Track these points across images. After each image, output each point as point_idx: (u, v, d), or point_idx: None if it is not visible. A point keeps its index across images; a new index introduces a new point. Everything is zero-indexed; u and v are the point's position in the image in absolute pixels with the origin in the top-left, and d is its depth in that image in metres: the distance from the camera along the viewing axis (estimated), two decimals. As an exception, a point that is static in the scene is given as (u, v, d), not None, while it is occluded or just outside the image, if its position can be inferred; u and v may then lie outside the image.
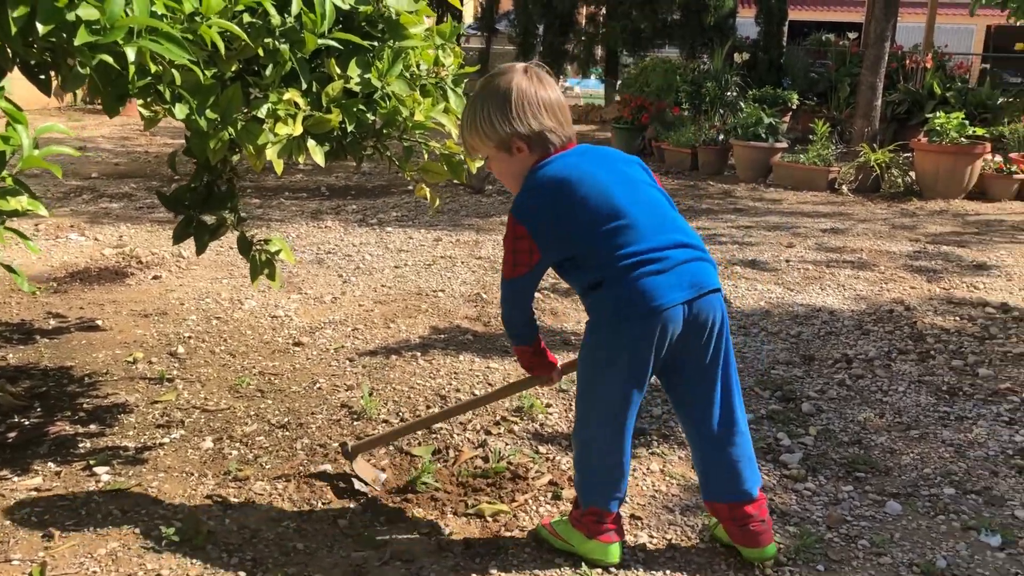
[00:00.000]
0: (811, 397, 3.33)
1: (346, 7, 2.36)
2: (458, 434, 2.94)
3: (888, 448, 2.93)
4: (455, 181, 2.74)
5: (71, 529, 2.31)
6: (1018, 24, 5.44)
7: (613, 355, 2.06)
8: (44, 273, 4.78)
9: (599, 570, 2.20)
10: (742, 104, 10.23)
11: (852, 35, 16.07)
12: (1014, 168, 8.10)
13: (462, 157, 2.72)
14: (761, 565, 2.23)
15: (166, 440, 2.86)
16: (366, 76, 2.40)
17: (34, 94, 2.31)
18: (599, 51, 16.80)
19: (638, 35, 15.00)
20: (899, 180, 8.30)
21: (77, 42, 1.70)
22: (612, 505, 2.20)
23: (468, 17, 21.11)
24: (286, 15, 2.25)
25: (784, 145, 9.09)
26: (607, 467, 2.18)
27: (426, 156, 2.73)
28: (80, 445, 2.81)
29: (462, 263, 5.27)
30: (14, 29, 1.68)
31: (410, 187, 2.76)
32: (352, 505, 2.48)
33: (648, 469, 2.73)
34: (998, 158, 8.33)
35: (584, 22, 16.82)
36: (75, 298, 4.36)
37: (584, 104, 17.41)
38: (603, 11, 15.82)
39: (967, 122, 8.21)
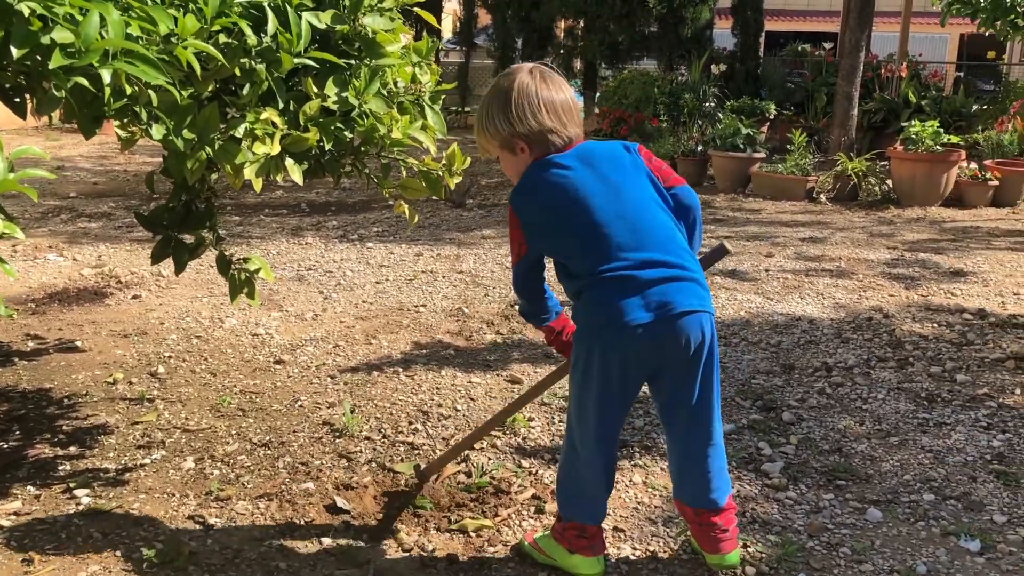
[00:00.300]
0: (792, 406, 3.36)
1: (322, 27, 2.36)
2: (440, 450, 2.93)
3: (868, 455, 2.95)
4: (434, 197, 2.74)
5: (51, 553, 2.29)
6: (987, 34, 5.53)
7: (586, 367, 2.07)
8: (22, 294, 4.74)
9: (583, 584, 2.20)
10: (720, 115, 10.31)
11: (828, 45, 16.25)
12: (989, 175, 8.20)
13: (440, 173, 2.73)
14: (744, 575, 2.24)
15: (147, 461, 2.85)
16: (343, 95, 2.41)
17: (11, 114, 2.30)
18: (578, 64, 16.88)
19: (616, 48, 15.08)
20: (876, 188, 8.38)
21: (52, 65, 1.70)
22: (590, 519, 2.21)
23: (447, 31, 21.17)
24: (262, 35, 2.25)
25: (762, 155, 9.16)
26: (586, 480, 2.19)
27: (404, 173, 2.74)
28: (60, 468, 2.79)
29: (443, 278, 5.28)
30: (-12, 53, 1.68)
31: (390, 203, 2.76)
32: (335, 523, 2.47)
33: (631, 481, 2.74)
34: (973, 165, 8.44)
35: (562, 35, 16.89)
36: (54, 319, 4.33)
37: (564, 117, 17.46)
38: (581, 24, 15.89)
39: (942, 130, 8.32)
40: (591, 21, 15.20)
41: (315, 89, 2.39)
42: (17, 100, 2.02)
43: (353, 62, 2.47)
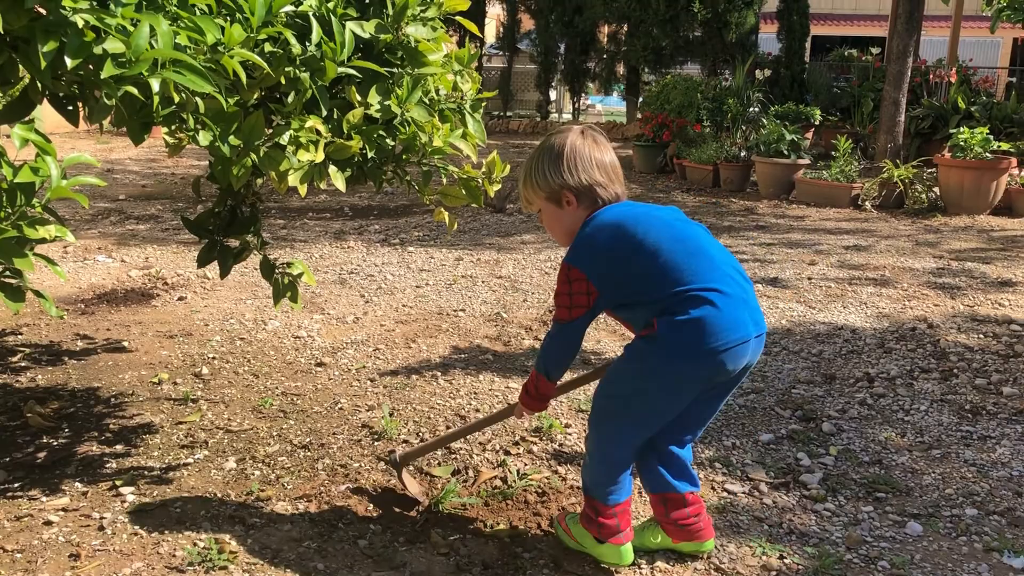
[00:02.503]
0: (832, 416, 3.32)
1: (366, 35, 2.40)
2: (477, 454, 2.96)
3: (909, 468, 2.92)
4: (473, 204, 2.77)
5: (97, 549, 2.35)
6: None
7: (659, 385, 2.11)
8: (72, 295, 4.86)
9: (617, 591, 2.20)
10: (764, 120, 10.23)
11: (875, 50, 16.02)
12: (1040, 183, 8.03)
13: (480, 181, 2.75)
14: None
15: (190, 460, 2.90)
16: (386, 103, 2.44)
17: (62, 119, 2.37)
18: (620, 69, 16.87)
19: (659, 52, 15.04)
20: (923, 196, 8.26)
21: (104, 75, 1.75)
22: (623, 496, 2.27)
23: (490, 37, 21.25)
24: (306, 44, 2.30)
25: (806, 161, 9.07)
26: (619, 465, 2.25)
27: (444, 180, 2.76)
28: (107, 465, 2.86)
29: (483, 282, 5.30)
30: (44, 63, 1.73)
31: (431, 208, 2.80)
32: (372, 526, 2.51)
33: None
34: (1024, 173, 8.27)
35: (605, 40, 16.90)
36: (102, 319, 4.43)
37: (605, 121, 17.46)
38: (624, 29, 15.89)
39: (991, 137, 8.17)
40: (634, 26, 15.18)
41: (358, 97, 2.43)
42: (70, 108, 2.08)
43: (396, 71, 2.51)
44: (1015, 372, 3.80)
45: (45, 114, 2.30)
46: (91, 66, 1.84)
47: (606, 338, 4.23)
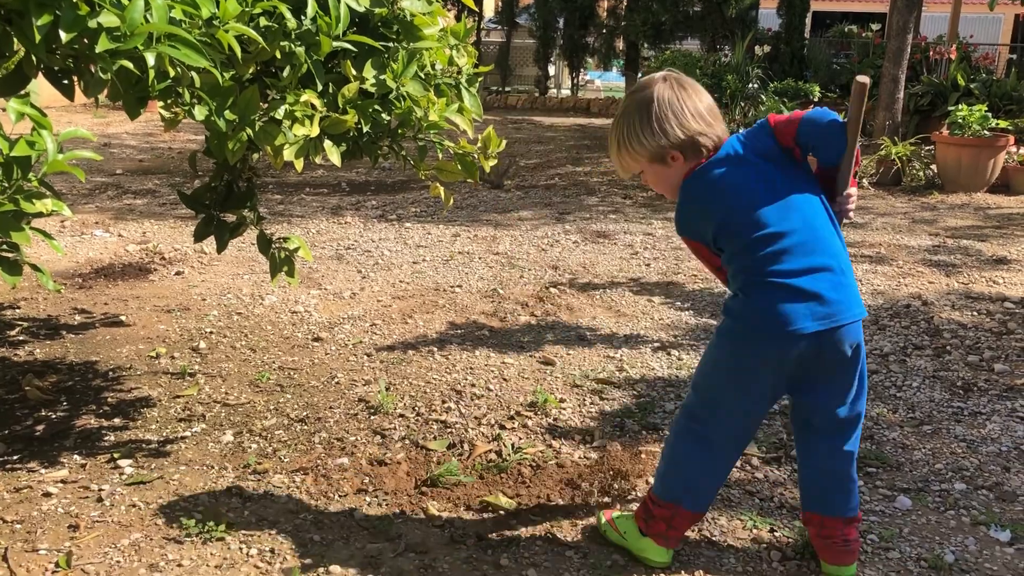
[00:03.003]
0: (824, 392, 3.35)
1: (361, 9, 2.40)
2: (472, 428, 2.98)
3: (900, 443, 2.95)
4: (469, 180, 2.78)
5: (96, 520, 2.38)
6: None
7: (738, 365, 2.07)
8: (70, 269, 4.87)
9: (607, 563, 2.23)
10: (763, 97, 10.20)
11: (875, 26, 15.94)
12: (1037, 161, 8.03)
13: (476, 156, 2.76)
14: (769, 559, 2.26)
15: (187, 434, 2.93)
16: (381, 77, 2.44)
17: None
18: (620, 44, 16.79)
19: (659, 27, 14.98)
20: (920, 173, 8.26)
21: (98, 49, 1.75)
22: (691, 505, 2.18)
23: (489, 11, 21.11)
24: (302, 18, 2.29)
25: (805, 138, 9.04)
26: (708, 468, 2.17)
27: (440, 155, 2.77)
28: (104, 438, 2.88)
29: (480, 259, 5.32)
30: (38, 37, 1.73)
31: (428, 183, 2.81)
32: (368, 499, 2.53)
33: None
34: (1022, 151, 8.26)
35: (605, 15, 16.81)
36: (100, 294, 4.44)
37: (604, 97, 17.40)
38: (624, 3, 15.81)
39: (990, 114, 8.15)
40: (634, 0, 15.10)
41: (354, 72, 2.43)
42: (65, 82, 2.08)
43: (391, 45, 2.51)
44: (1007, 349, 3.83)
45: (41, 88, 2.30)
46: (86, 40, 1.84)
47: (602, 314, 4.25)
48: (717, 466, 2.18)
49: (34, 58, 1.96)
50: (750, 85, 10.66)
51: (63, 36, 1.77)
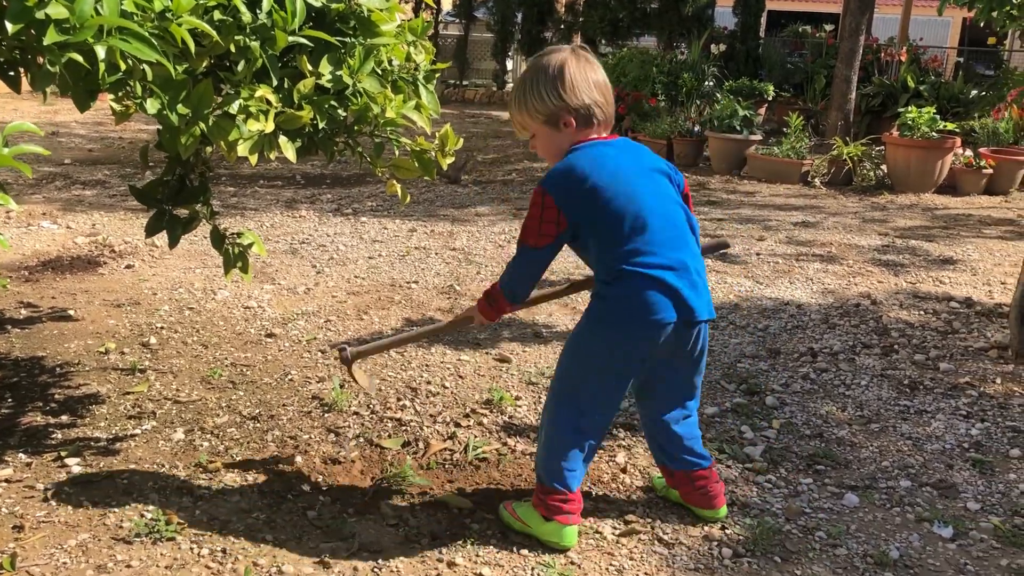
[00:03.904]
0: (775, 391, 3.40)
1: (317, 4, 2.37)
2: (428, 426, 2.98)
3: (848, 441, 3.00)
4: (426, 178, 2.76)
5: (42, 520, 2.33)
6: (980, 25, 5.53)
7: (610, 351, 2.17)
8: (16, 262, 4.76)
9: (562, 561, 2.25)
10: (718, 95, 10.30)
11: (829, 27, 16.18)
12: (983, 163, 8.22)
13: (433, 154, 2.74)
14: (720, 556, 2.29)
15: (137, 431, 2.88)
16: (338, 73, 2.42)
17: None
18: (577, 40, 16.80)
19: (616, 24, 15.03)
20: (871, 173, 8.41)
21: (46, 41, 1.71)
22: (574, 483, 2.28)
23: (447, 4, 21.00)
24: (257, 12, 2.26)
25: (759, 137, 9.17)
26: (577, 448, 2.26)
27: (397, 152, 2.75)
28: (51, 436, 2.83)
29: (436, 254, 5.30)
30: (-17, 28, 1.69)
31: (382, 178, 2.79)
32: (322, 498, 2.52)
33: (614, 460, 2.78)
34: (968, 152, 8.46)
35: (563, 10, 16.81)
36: (47, 287, 4.35)
37: (562, 93, 17.40)
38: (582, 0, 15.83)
39: (938, 117, 8.33)
40: (592, -3, 15.14)
41: (309, 67, 2.40)
42: (12, 74, 2.03)
43: (348, 40, 2.48)
44: (952, 348, 3.92)
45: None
46: (33, 31, 1.80)
47: (558, 312, 4.27)
48: (589, 446, 2.29)
49: (-21, 49, 1.91)
50: (706, 83, 10.75)
51: (9, 27, 1.72)
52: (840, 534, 2.42)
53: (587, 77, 2.17)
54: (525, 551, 2.28)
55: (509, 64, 18.10)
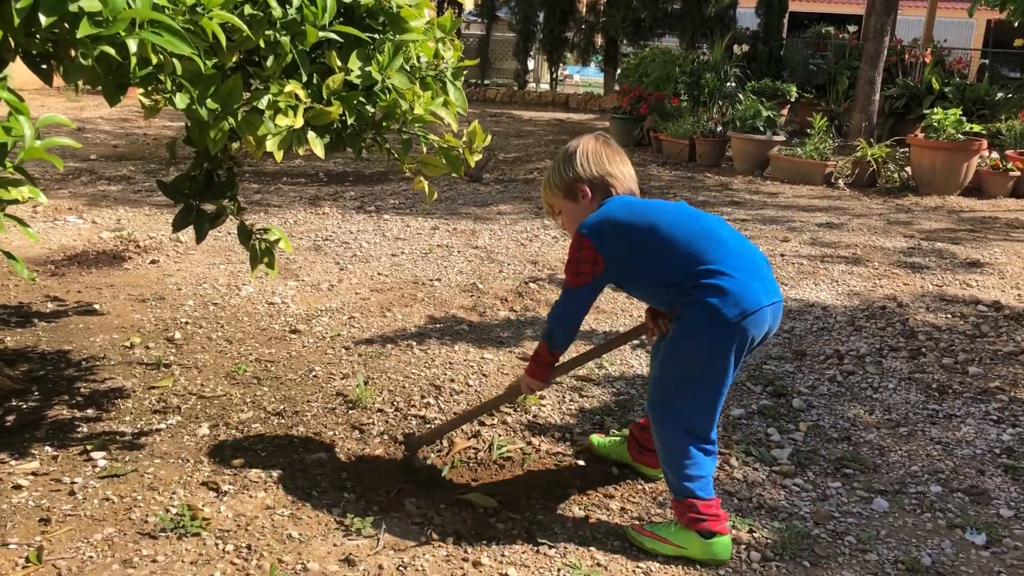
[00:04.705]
0: (802, 393, 3.37)
1: (347, 0, 2.37)
2: (452, 424, 2.96)
3: (877, 445, 2.97)
4: (454, 175, 2.75)
5: (68, 514, 2.34)
6: (1016, 25, 5.47)
7: (720, 356, 2.18)
8: (42, 256, 4.79)
9: (588, 563, 2.23)
10: (740, 96, 10.24)
11: (852, 28, 16.07)
12: (1010, 165, 8.13)
13: (460, 151, 2.73)
14: (748, 559, 2.26)
15: (162, 426, 2.88)
16: (367, 69, 2.41)
17: (33, 74, 2.32)
18: (599, 39, 16.78)
19: (638, 24, 14.99)
20: (895, 175, 8.32)
21: (80, 34, 1.71)
22: (711, 490, 2.27)
23: (468, 4, 21.04)
24: (287, 7, 2.26)
25: (782, 138, 9.11)
26: (708, 459, 2.26)
27: (424, 149, 2.74)
28: (77, 430, 2.83)
29: (459, 252, 5.29)
30: (17, 20, 1.69)
31: (408, 175, 2.78)
32: (346, 495, 2.51)
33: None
34: (994, 155, 8.36)
35: (584, 10, 16.79)
36: (73, 281, 4.37)
37: (583, 93, 17.39)
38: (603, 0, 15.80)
39: (964, 119, 8.24)
40: (614, -4, 15.10)
41: (339, 63, 2.40)
42: (44, 67, 2.03)
43: (377, 36, 2.48)
44: (980, 352, 3.87)
45: (14, 70, 2.25)
46: (66, 24, 1.80)
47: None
48: (713, 452, 2.30)
49: (12, 42, 1.91)
50: (728, 84, 10.70)
51: (43, 20, 1.73)
52: (870, 539, 2.39)
53: (602, 152, 2.33)
54: (551, 551, 2.27)
55: (531, 63, 18.10)
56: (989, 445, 2.99)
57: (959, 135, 8.04)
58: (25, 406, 2.98)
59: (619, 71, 14.68)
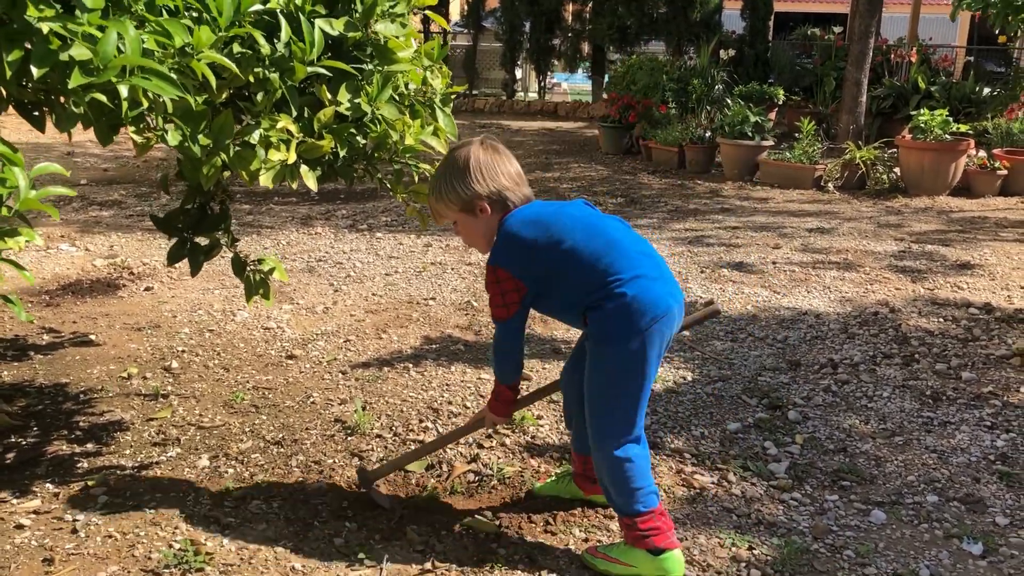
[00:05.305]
0: (797, 404, 3.39)
1: (335, 33, 2.39)
2: (451, 448, 2.98)
3: (873, 456, 2.99)
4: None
5: (71, 553, 2.35)
6: (996, 32, 5.52)
7: (639, 359, 2.18)
8: (36, 286, 4.79)
9: (591, 586, 2.25)
10: (728, 101, 10.28)
11: (837, 29, 16.13)
12: (997, 164, 8.18)
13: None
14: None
15: (162, 459, 2.90)
16: (356, 101, 2.44)
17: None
18: (586, 48, 16.83)
19: (624, 31, 15.03)
20: (884, 177, 8.37)
21: (71, 84, 1.73)
22: (653, 500, 2.27)
23: (455, 14, 21.07)
24: (275, 43, 2.28)
25: (770, 143, 9.15)
26: (644, 466, 2.26)
27: (416, 178, 2.76)
28: (78, 465, 2.84)
29: (452, 270, 5.31)
30: (9, 73, 1.71)
31: (397, 196, 2.80)
32: (348, 524, 2.52)
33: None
34: (982, 153, 8.41)
35: (571, 18, 16.83)
36: (68, 311, 4.38)
37: (572, 100, 17.44)
38: (589, 7, 15.84)
39: (951, 119, 8.29)
40: (599, 4, 15.16)
41: (328, 96, 2.42)
42: (36, 114, 2.05)
43: (366, 68, 2.50)
44: (973, 356, 3.90)
45: (4, 117, 2.27)
46: (57, 73, 1.81)
47: (537, 327, 4.25)
48: (647, 457, 2.30)
49: (4, 92, 1.93)
50: (716, 89, 10.74)
51: (34, 72, 1.75)
52: (869, 552, 2.41)
53: (494, 165, 2.29)
54: (551, 574, 2.28)
55: (519, 73, 18.13)
56: (984, 452, 3.01)
57: (946, 135, 8.10)
58: (24, 442, 2.99)
59: (607, 78, 14.72)
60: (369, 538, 2.45)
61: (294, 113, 2.36)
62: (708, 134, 9.49)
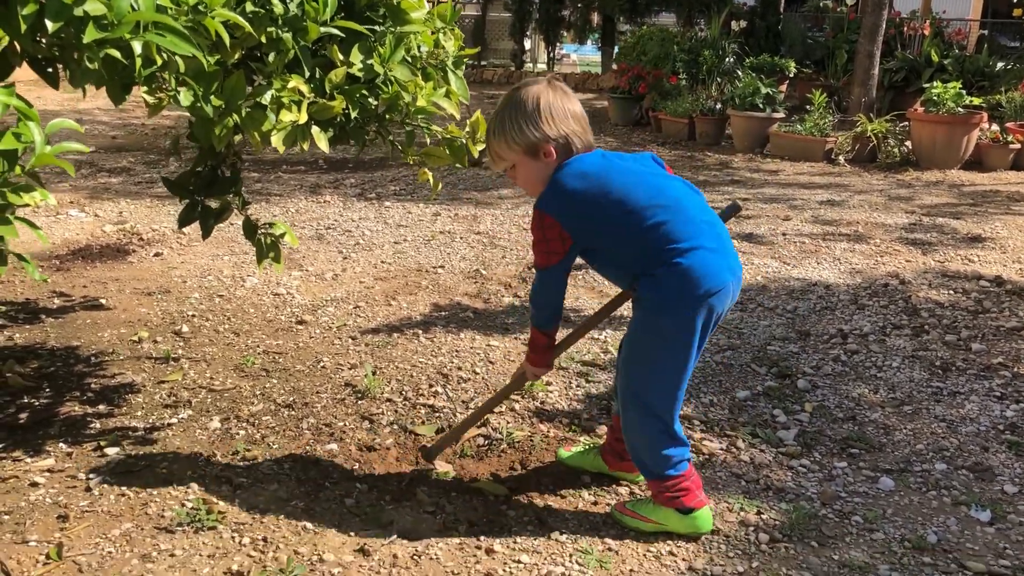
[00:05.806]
0: (807, 373, 3.39)
1: (348, -7, 2.37)
2: (460, 412, 2.99)
3: (882, 424, 2.99)
4: (458, 165, 2.77)
5: (85, 510, 2.37)
6: (1012, 5, 5.45)
7: (682, 333, 2.14)
8: (47, 251, 4.80)
9: (600, 547, 2.26)
10: (739, 73, 10.21)
11: (850, 1, 15.96)
12: (1010, 138, 8.12)
13: (464, 141, 2.74)
14: (757, 541, 2.30)
15: (174, 420, 2.91)
16: (368, 62, 2.42)
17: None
18: (595, 18, 16.71)
19: (635, 1, 14.92)
20: (895, 150, 8.32)
21: (86, 39, 1.72)
22: (686, 464, 2.28)
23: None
24: (288, 3, 2.27)
25: (781, 115, 9.09)
26: (673, 432, 2.26)
27: (428, 140, 2.75)
28: (90, 426, 2.86)
29: (461, 238, 5.31)
30: (24, 26, 1.70)
31: (407, 161, 2.79)
32: (359, 485, 2.54)
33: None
34: (995, 127, 8.35)
35: (580, -12, 16.70)
36: (78, 276, 4.39)
37: (581, 72, 17.33)
38: (599, -23, 15.71)
39: (963, 91, 8.22)
40: (610, -26, 15.02)
41: (340, 56, 2.40)
42: (50, 70, 2.04)
43: (378, 29, 2.48)
44: (983, 328, 3.89)
45: (17, 72, 2.26)
46: (72, 29, 1.81)
47: (584, 295, 4.27)
48: (677, 426, 2.28)
49: (18, 46, 1.93)
50: (727, 60, 10.66)
51: (49, 25, 1.74)
52: (876, 518, 2.42)
53: (564, 107, 2.20)
54: (563, 537, 2.30)
55: (527, 44, 18.02)
56: (993, 422, 3.02)
57: (959, 108, 8.04)
58: (37, 403, 3.00)
59: (616, 49, 14.61)
60: (380, 499, 2.47)
61: (306, 74, 2.35)
62: (718, 106, 9.43)
